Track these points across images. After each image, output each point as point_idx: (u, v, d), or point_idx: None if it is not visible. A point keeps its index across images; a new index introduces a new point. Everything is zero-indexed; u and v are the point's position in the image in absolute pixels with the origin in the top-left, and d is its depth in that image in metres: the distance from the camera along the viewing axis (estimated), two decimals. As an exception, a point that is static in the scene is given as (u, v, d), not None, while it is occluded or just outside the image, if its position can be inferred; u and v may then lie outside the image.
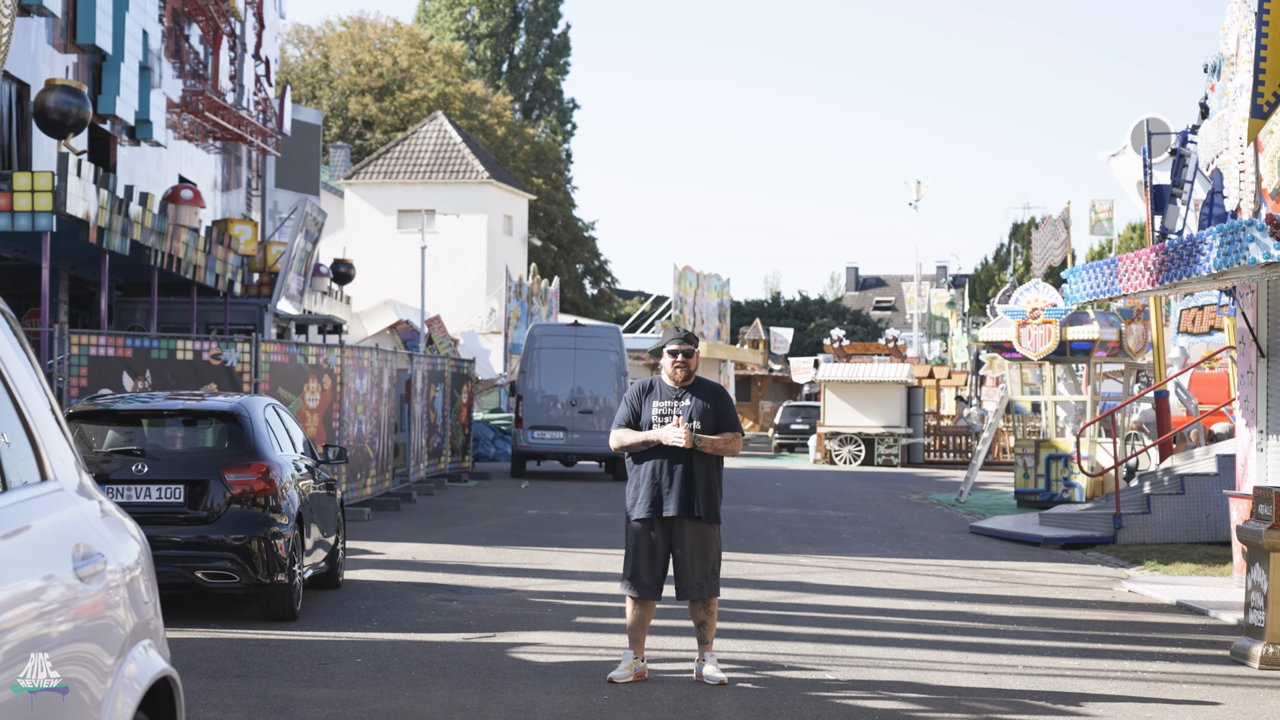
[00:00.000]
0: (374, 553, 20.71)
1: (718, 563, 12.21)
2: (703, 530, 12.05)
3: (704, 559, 12.05)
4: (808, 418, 59.65)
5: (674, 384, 12.18)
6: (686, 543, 12.00)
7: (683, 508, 11.92)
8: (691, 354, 12.17)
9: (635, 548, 12.08)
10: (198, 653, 12.81)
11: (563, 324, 41.02)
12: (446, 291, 69.64)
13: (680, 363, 12.12)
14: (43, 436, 5.41)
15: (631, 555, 12.11)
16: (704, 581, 12.06)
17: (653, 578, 12.06)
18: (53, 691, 4.25)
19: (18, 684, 4.09)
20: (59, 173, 22.30)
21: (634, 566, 12.06)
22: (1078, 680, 12.55)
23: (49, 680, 4.23)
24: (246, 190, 43.65)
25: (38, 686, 4.19)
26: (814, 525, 26.85)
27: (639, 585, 12.04)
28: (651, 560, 12.04)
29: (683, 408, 12.00)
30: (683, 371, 12.14)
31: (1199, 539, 23.56)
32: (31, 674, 4.17)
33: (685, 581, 12.04)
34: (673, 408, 12.03)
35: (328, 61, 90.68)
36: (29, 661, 4.20)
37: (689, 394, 12.13)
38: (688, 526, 12.00)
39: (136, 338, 23.39)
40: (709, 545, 12.10)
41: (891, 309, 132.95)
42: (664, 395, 12.14)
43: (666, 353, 12.20)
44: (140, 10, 30.84)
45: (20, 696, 4.09)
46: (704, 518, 11.99)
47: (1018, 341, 31.92)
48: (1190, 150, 21.47)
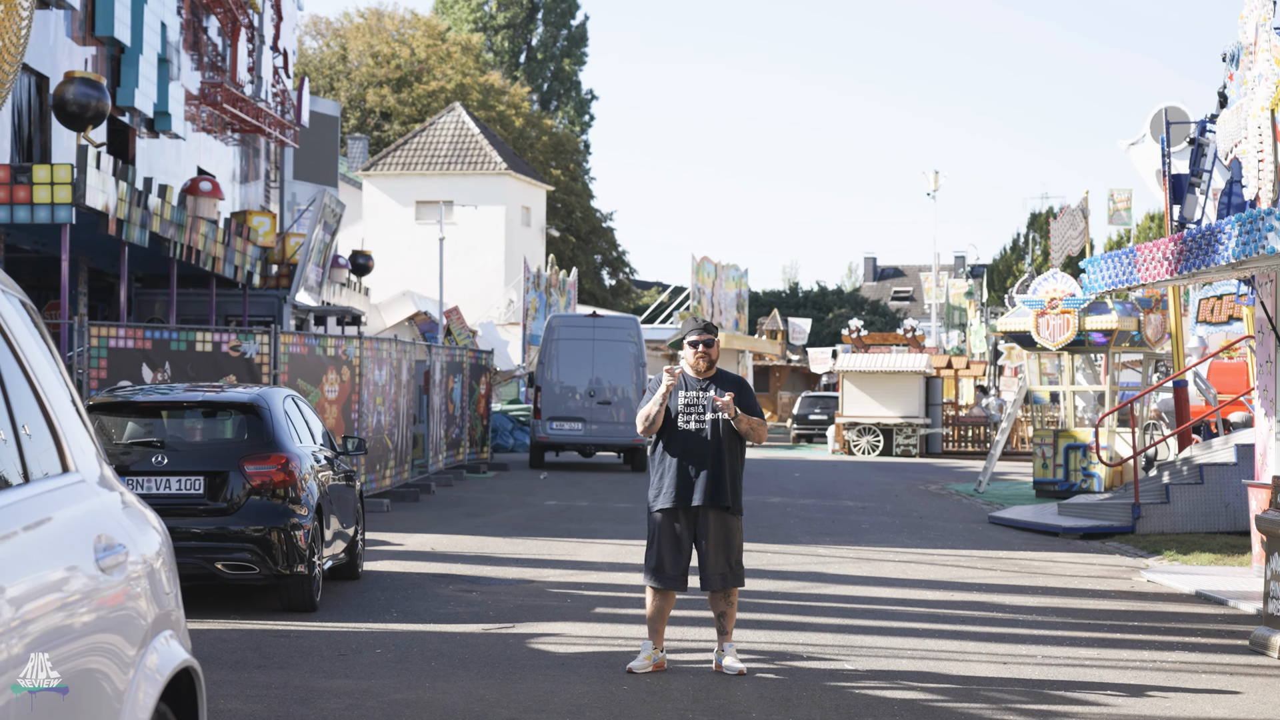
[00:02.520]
0: (393, 544, 20.74)
1: (740, 553, 12.25)
2: (727, 520, 12.08)
3: (728, 549, 12.08)
4: (826, 408, 59.61)
5: (696, 374, 12.22)
6: (711, 533, 12.03)
7: (711, 498, 11.96)
8: (712, 343, 12.22)
9: (660, 539, 12.08)
10: (218, 644, 12.85)
11: (581, 315, 41.04)
12: (465, 283, 69.67)
13: (702, 353, 12.16)
14: (64, 428, 5.43)
15: (656, 546, 12.10)
16: (728, 572, 12.09)
17: (677, 569, 12.08)
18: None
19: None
20: (78, 165, 22.35)
21: (659, 558, 12.07)
22: (1097, 670, 12.55)
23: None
24: (265, 182, 43.72)
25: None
26: (832, 515, 26.84)
27: (663, 576, 12.05)
28: (676, 551, 12.05)
29: (707, 398, 12.04)
30: (704, 361, 12.17)
31: (1218, 529, 23.53)
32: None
33: (710, 571, 12.06)
34: (699, 398, 12.07)
35: (345, 53, 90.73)
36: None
37: (713, 384, 12.17)
38: (712, 516, 12.02)
39: (156, 329, 23.43)
40: (733, 535, 12.13)
41: (909, 299, 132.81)
42: (689, 386, 12.18)
43: (687, 343, 12.25)
44: (159, 2, 30.92)
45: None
46: (731, 508, 12.03)
47: (1036, 331, 31.86)
48: (1209, 139, 21.43)
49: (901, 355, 52.07)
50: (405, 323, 59.07)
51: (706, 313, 66.08)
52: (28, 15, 20.35)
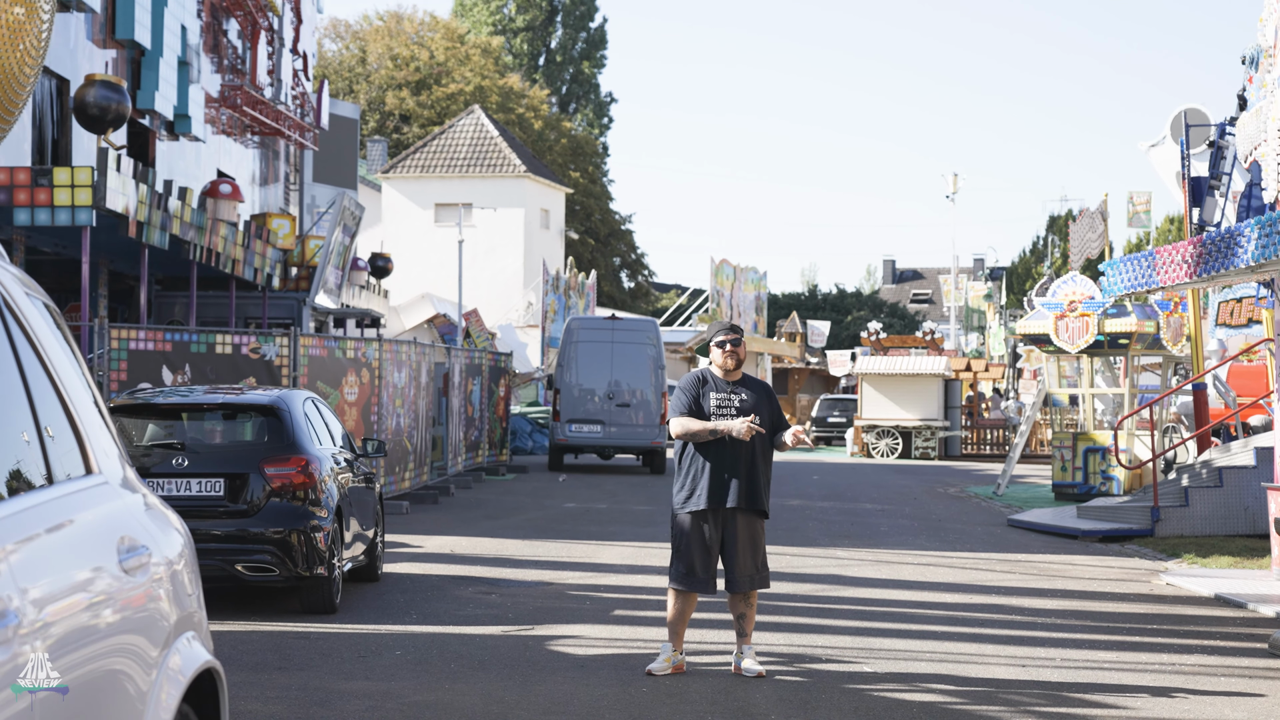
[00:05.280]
0: (412, 546, 20.77)
1: (765, 554, 12.31)
2: (754, 523, 12.14)
3: (755, 551, 12.14)
4: (845, 410, 59.57)
5: (724, 375, 12.28)
6: (740, 535, 12.06)
7: (747, 500, 12.01)
8: (739, 342, 12.33)
9: (689, 541, 12.07)
10: (238, 645, 12.88)
11: (600, 317, 41.04)
12: (484, 285, 69.76)
13: (730, 352, 12.24)
14: (87, 430, 5.45)
15: (685, 549, 12.09)
16: (755, 574, 12.14)
17: (707, 572, 12.11)
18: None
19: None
20: (98, 168, 22.42)
21: (689, 561, 12.08)
22: (1116, 673, 12.54)
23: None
24: (284, 184, 43.78)
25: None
26: (851, 518, 26.83)
27: (693, 580, 12.05)
28: (706, 554, 12.08)
29: (739, 400, 12.12)
30: (733, 359, 12.25)
31: (1237, 532, 23.48)
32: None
33: (738, 574, 12.08)
34: (729, 399, 12.15)
35: (365, 56, 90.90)
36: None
37: (742, 387, 12.25)
38: (740, 519, 12.06)
39: (176, 332, 23.49)
40: (759, 537, 12.20)
41: (928, 302, 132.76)
42: (719, 388, 12.25)
43: (714, 345, 12.34)
44: (179, 5, 30.99)
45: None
46: (763, 511, 12.10)
47: (1055, 334, 31.82)
48: (1228, 142, 21.41)
49: (920, 358, 52.01)
50: (424, 325, 59.13)
51: (725, 315, 66.11)
52: (48, 18, 20.42)
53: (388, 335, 48.96)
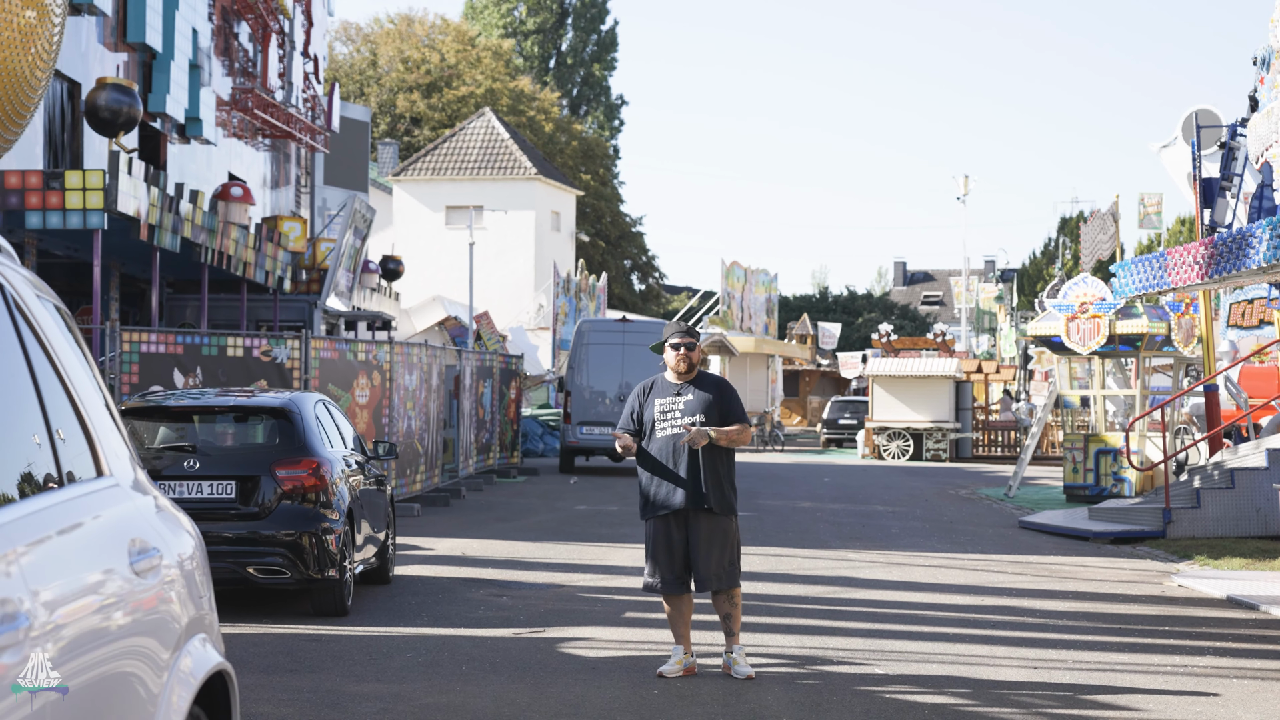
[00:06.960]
0: (424, 548, 20.78)
1: (737, 553, 12.29)
2: (717, 521, 12.13)
3: (721, 549, 12.14)
4: (856, 413, 59.57)
5: (676, 378, 12.29)
6: (701, 535, 12.09)
7: (693, 500, 12.02)
8: (694, 346, 12.32)
9: (653, 544, 12.22)
10: (250, 647, 12.89)
11: (611, 320, 41.05)
12: (495, 287, 69.76)
13: (683, 355, 12.27)
14: (98, 432, 5.45)
15: (650, 552, 12.26)
16: (722, 572, 12.14)
17: (673, 572, 12.16)
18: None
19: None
20: (110, 171, 22.44)
21: (654, 563, 12.21)
22: (1128, 675, 12.52)
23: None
24: (296, 187, 43.82)
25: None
26: (862, 520, 26.82)
27: (661, 580, 12.15)
28: (670, 555, 12.14)
29: (684, 403, 12.12)
30: (685, 363, 12.26)
31: (1249, 533, 23.45)
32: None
33: (703, 573, 12.12)
34: (673, 404, 12.16)
35: (376, 59, 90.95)
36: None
37: (691, 388, 12.25)
38: (701, 519, 12.09)
39: (187, 334, 23.51)
40: (726, 536, 12.18)
41: (939, 304, 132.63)
42: (664, 392, 12.28)
43: (669, 346, 12.37)
44: (190, 8, 31.02)
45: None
46: (716, 509, 12.06)
47: (1066, 336, 31.79)
48: (1240, 143, 21.39)
49: (931, 360, 51.98)
50: (435, 327, 59.13)
51: (736, 317, 66.06)
52: (60, 22, 20.44)
53: (399, 338, 48.99)
